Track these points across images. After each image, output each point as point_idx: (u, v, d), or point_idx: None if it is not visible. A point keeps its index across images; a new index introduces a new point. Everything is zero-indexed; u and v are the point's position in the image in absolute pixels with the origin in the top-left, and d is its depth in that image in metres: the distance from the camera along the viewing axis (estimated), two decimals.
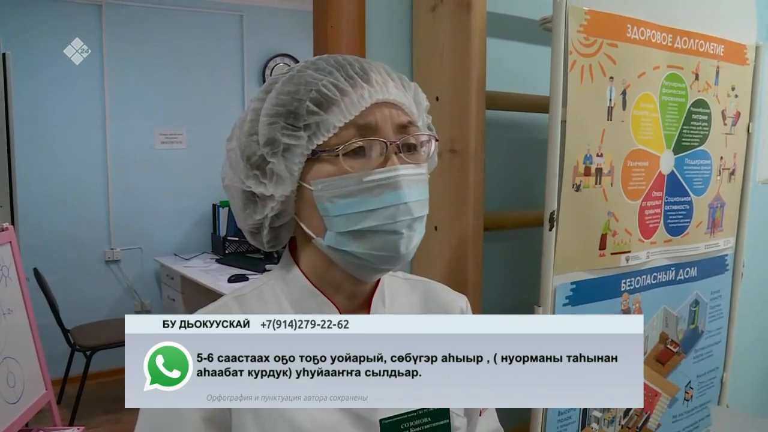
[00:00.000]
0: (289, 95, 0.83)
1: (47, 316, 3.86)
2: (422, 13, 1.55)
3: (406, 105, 0.87)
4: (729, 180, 1.77)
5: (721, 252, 1.80)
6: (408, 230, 0.84)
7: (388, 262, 0.86)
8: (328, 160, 0.82)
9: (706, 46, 1.62)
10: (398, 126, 0.85)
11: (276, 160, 0.83)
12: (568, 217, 1.41)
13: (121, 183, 4.82)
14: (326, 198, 0.83)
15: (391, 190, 0.82)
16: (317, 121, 0.82)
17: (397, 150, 0.84)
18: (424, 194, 0.87)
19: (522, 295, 1.63)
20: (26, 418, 2.47)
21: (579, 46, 1.37)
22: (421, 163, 0.87)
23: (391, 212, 0.82)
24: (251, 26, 5.22)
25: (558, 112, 1.36)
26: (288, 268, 0.93)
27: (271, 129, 0.83)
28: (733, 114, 1.74)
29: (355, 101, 0.82)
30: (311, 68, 0.85)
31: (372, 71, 0.86)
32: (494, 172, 1.60)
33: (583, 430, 1.52)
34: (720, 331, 1.84)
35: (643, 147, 1.52)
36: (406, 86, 0.89)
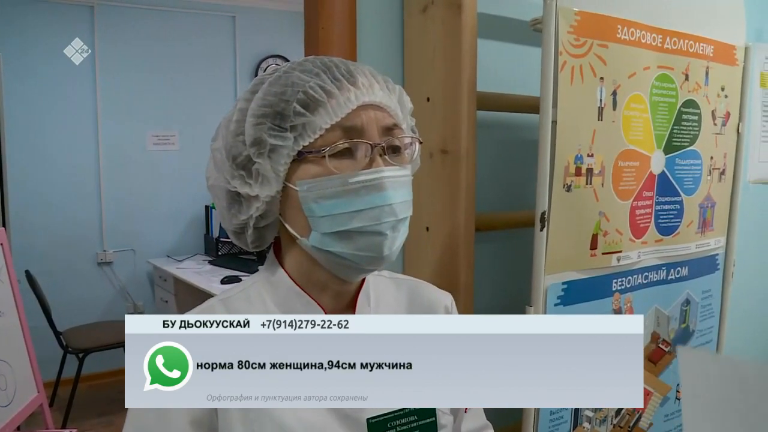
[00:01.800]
0: (276, 96, 0.83)
1: (39, 318, 3.84)
2: (413, 15, 1.55)
3: (392, 107, 0.88)
4: (719, 180, 1.78)
5: (711, 251, 1.81)
6: (392, 231, 0.85)
7: (372, 263, 0.86)
8: (314, 161, 0.83)
9: (696, 46, 1.63)
10: (383, 128, 0.85)
11: (262, 161, 0.83)
12: (559, 217, 1.41)
13: (113, 185, 4.81)
14: (311, 199, 0.83)
15: (376, 192, 0.82)
16: (304, 123, 0.82)
17: (382, 152, 0.84)
18: (408, 195, 0.87)
19: (513, 295, 1.64)
20: (18, 421, 2.46)
21: (569, 46, 1.37)
22: (405, 164, 0.88)
23: (376, 213, 0.83)
24: (243, 27, 5.22)
25: (549, 113, 1.37)
26: (273, 269, 0.93)
27: (258, 129, 0.83)
28: (722, 114, 1.74)
29: (342, 103, 0.83)
30: (298, 69, 0.86)
31: (358, 73, 0.86)
32: (485, 172, 1.61)
33: (575, 429, 1.52)
34: (711, 330, 1.85)
35: (633, 147, 1.53)
36: (391, 88, 0.90)
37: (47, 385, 3.42)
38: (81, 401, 4.13)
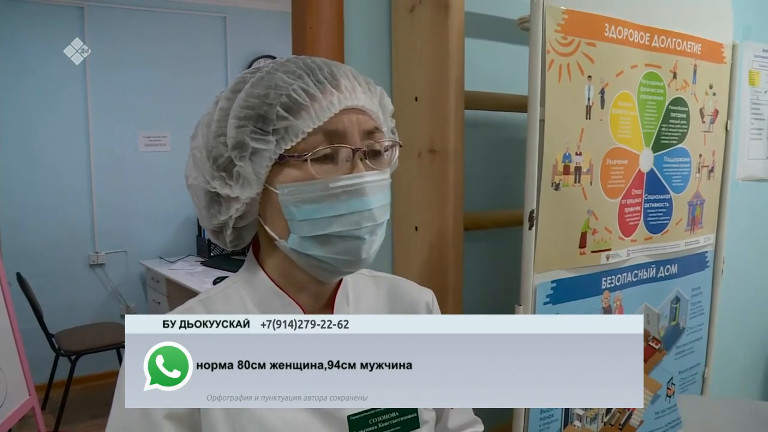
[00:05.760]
0: (259, 98, 0.83)
1: (31, 320, 3.82)
2: (400, 14, 1.55)
3: (373, 111, 0.88)
4: (708, 177, 1.78)
5: (701, 249, 1.81)
6: (370, 235, 0.85)
7: (349, 266, 0.87)
8: (295, 165, 0.82)
9: (684, 44, 1.63)
10: (365, 132, 0.85)
11: (243, 164, 0.83)
12: (547, 215, 1.41)
13: (105, 186, 4.79)
14: (292, 202, 0.83)
15: (357, 197, 0.82)
16: (286, 126, 0.82)
17: (363, 156, 0.84)
18: (386, 199, 0.87)
19: (503, 294, 1.64)
20: (9, 424, 2.45)
21: (557, 45, 1.37)
22: (385, 168, 0.88)
23: (355, 218, 0.83)
24: (234, 28, 5.21)
25: (536, 112, 1.37)
26: (252, 269, 0.93)
27: (240, 132, 0.83)
28: (711, 112, 1.75)
29: (325, 107, 0.82)
30: (281, 71, 0.85)
31: (341, 76, 0.86)
32: (474, 171, 1.61)
33: (566, 428, 1.53)
34: (701, 328, 1.85)
35: (621, 145, 1.53)
36: (373, 90, 0.90)
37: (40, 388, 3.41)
38: (73, 404, 4.11)
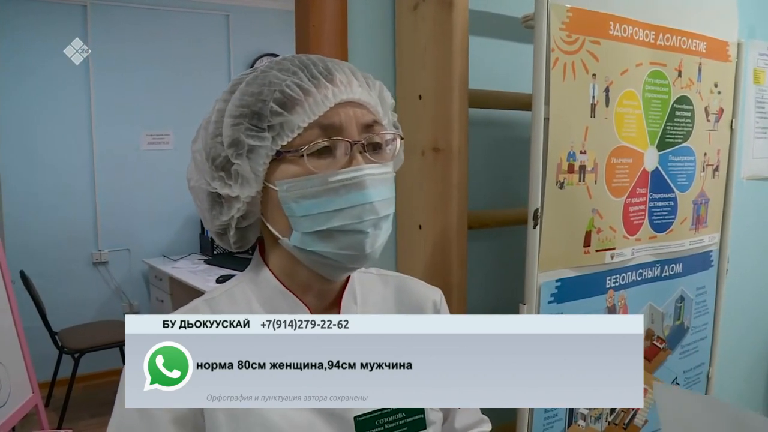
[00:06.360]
0: (252, 96, 0.83)
1: (35, 318, 3.83)
2: (404, 12, 1.55)
3: (371, 104, 0.87)
4: (713, 176, 1.77)
5: (705, 248, 1.81)
6: (374, 229, 0.84)
7: (354, 261, 0.86)
8: (293, 160, 0.82)
9: (689, 42, 1.63)
10: (363, 125, 0.85)
11: (241, 162, 0.83)
12: (552, 214, 1.41)
13: (108, 184, 4.79)
14: (291, 198, 0.82)
15: (356, 190, 0.82)
16: (281, 122, 0.81)
17: (362, 149, 0.83)
18: (389, 193, 0.86)
19: (506, 293, 1.63)
20: (13, 422, 2.46)
21: (561, 43, 1.37)
22: (387, 161, 0.87)
23: (356, 212, 0.82)
24: (237, 26, 5.20)
25: (541, 110, 1.36)
26: (258, 269, 0.93)
27: (235, 130, 0.83)
28: (716, 110, 1.74)
29: (319, 101, 0.82)
30: (275, 69, 0.85)
31: (336, 71, 0.85)
32: (478, 170, 1.60)
33: (570, 427, 1.52)
34: (706, 327, 1.85)
35: (626, 144, 1.52)
36: (371, 85, 0.89)
37: (43, 386, 3.41)
38: (77, 401, 4.11)
